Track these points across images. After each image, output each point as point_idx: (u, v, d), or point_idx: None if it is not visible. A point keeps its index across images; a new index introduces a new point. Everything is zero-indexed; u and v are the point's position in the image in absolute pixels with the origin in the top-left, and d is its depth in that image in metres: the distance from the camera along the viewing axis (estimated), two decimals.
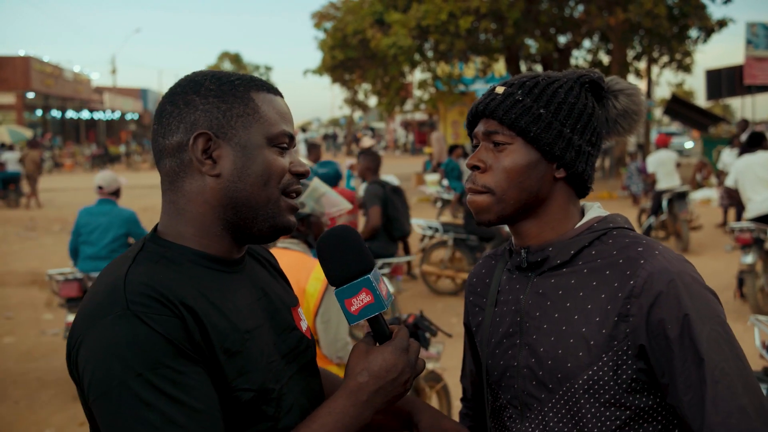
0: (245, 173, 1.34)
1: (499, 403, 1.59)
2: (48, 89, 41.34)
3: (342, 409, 1.31)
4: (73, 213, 17.78)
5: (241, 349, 1.29)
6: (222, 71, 1.43)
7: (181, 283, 1.27)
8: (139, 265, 1.27)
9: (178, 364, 1.18)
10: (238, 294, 1.37)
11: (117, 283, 1.22)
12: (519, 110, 1.47)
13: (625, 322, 1.39)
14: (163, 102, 1.38)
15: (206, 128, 1.33)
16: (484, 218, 1.52)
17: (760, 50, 25.40)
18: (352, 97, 31.98)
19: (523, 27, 20.04)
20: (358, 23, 21.89)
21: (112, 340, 1.17)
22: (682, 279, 1.38)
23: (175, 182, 1.36)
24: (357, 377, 1.34)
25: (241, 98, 1.36)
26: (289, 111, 1.45)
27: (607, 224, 1.51)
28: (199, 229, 1.36)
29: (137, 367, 1.15)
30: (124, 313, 1.18)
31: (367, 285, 1.36)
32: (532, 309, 1.51)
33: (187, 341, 1.20)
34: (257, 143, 1.35)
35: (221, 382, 1.25)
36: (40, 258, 12.26)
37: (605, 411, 1.41)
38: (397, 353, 1.35)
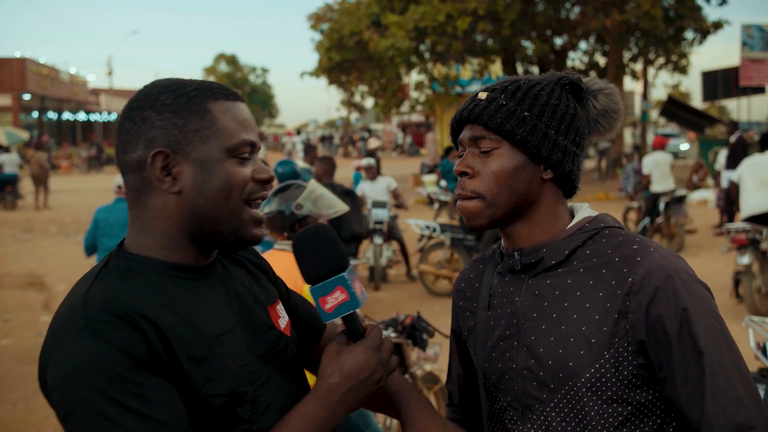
0: (205, 188, 1.33)
1: (498, 406, 1.59)
2: (44, 91, 41.31)
3: (312, 412, 1.32)
4: (70, 215, 17.85)
5: (208, 355, 1.29)
6: (180, 81, 1.39)
7: (143, 295, 1.27)
8: (101, 282, 1.28)
9: (140, 378, 1.19)
10: (206, 300, 1.36)
11: (77, 302, 1.23)
12: (504, 114, 1.49)
13: (625, 319, 1.40)
14: (122, 117, 1.37)
15: (164, 146, 1.32)
16: (475, 223, 1.53)
17: (755, 52, 25.45)
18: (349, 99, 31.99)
19: (520, 28, 20.08)
20: (354, 25, 21.89)
21: (74, 359, 1.18)
22: (678, 275, 1.41)
23: (139, 198, 1.36)
24: (328, 378, 1.34)
25: (198, 111, 1.34)
26: (250, 117, 1.42)
27: (598, 224, 1.53)
28: (164, 242, 1.36)
29: (99, 384, 1.16)
30: (83, 332, 1.19)
31: (342, 283, 1.35)
32: (529, 310, 1.52)
33: (149, 354, 1.21)
34: (216, 157, 1.34)
35: (189, 391, 1.25)
36: (37, 260, 12.25)
37: (608, 408, 1.42)
38: (368, 352, 1.35)
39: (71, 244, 13.90)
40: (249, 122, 1.40)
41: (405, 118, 46.13)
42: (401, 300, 9.22)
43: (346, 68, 24.92)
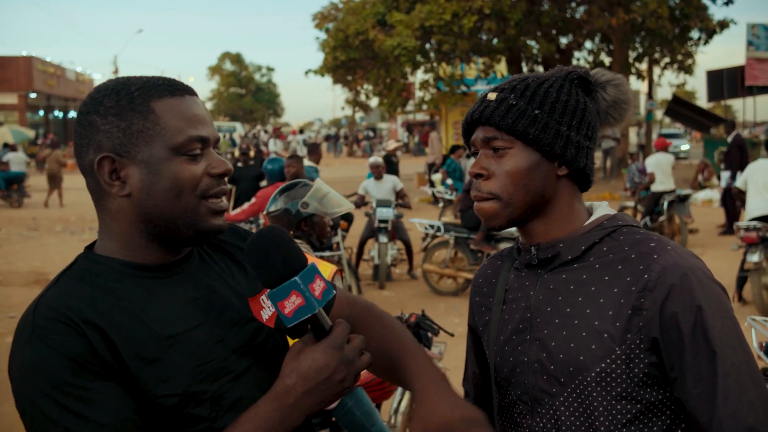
0: (153, 189, 1.33)
1: (508, 400, 1.60)
2: (50, 89, 41.42)
3: (264, 415, 1.28)
4: (75, 213, 17.85)
5: (160, 356, 1.29)
6: (125, 81, 1.38)
7: (94, 299, 1.29)
8: (58, 286, 1.31)
9: (82, 382, 1.21)
10: (167, 299, 1.36)
11: (31, 307, 1.28)
12: (515, 114, 1.49)
13: (639, 316, 1.40)
14: (75, 122, 1.38)
15: (109, 150, 1.32)
16: (494, 224, 1.54)
17: (761, 51, 25.41)
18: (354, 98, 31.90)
19: (525, 28, 20.04)
20: (359, 24, 21.85)
21: (23, 363, 1.23)
22: (694, 273, 1.40)
23: (99, 201, 1.38)
24: (285, 379, 1.30)
25: (140, 112, 1.33)
26: (201, 111, 1.39)
27: (616, 222, 1.54)
28: (124, 243, 1.37)
29: (44, 387, 1.20)
30: (29, 338, 1.23)
31: (295, 287, 1.29)
32: (543, 304, 1.53)
33: (92, 358, 1.23)
34: (161, 157, 1.33)
35: (140, 392, 1.26)
36: (42, 258, 12.28)
37: (616, 404, 1.42)
38: (328, 352, 1.29)
39: (76, 241, 13.93)
40: (198, 117, 1.37)
41: (410, 117, 46.08)
42: (405, 299, 9.23)
43: (351, 67, 24.88)
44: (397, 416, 4.15)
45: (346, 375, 1.31)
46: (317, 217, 3.44)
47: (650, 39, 21.07)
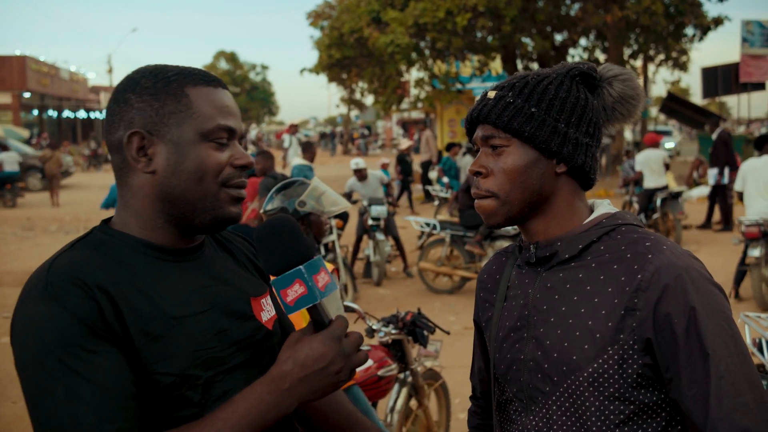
0: (179, 169, 1.37)
1: (506, 397, 1.60)
2: (44, 89, 41.24)
3: (258, 396, 1.30)
4: (70, 213, 17.83)
5: (165, 334, 1.32)
6: (163, 66, 1.44)
7: (108, 269, 1.32)
8: (73, 251, 1.34)
9: (88, 344, 1.23)
10: (177, 281, 1.39)
11: (43, 268, 1.30)
12: (511, 112, 1.50)
13: (632, 316, 1.40)
14: (110, 100, 1.43)
15: (140, 127, 1.37)
16: (492, 221, 1.55)
17: (755, 48, 25.45)
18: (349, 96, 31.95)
19: (520, 25, 20.04)
20: (354, 22, 21.82)
21: (30, 320, 1.25)
22: (689, 274, 1.39)
23: (121, 177, 1.42)
24: (282, 365, 1.32)
25: (174, 95, 1.38)
26: (231, 104, 1.45)
27: (615, 220, 1.53)
28: (142, 221, 1.41)
29: (50, 345, 1.22)
30: (41, 296, 1.25)
31: (299, 276, 1.33)
32: (540, 302, 1.53)
33: (100, 322, 1.25)
34: (190, 139, 1.37)
35: (139, 365, 1.28)
36: (37, 257, 12.25)
37: (609, 405, 1.42)
38: (327, 342, 1.32)
39: None
40: (228, 108, 1.42)
41: (405, 115, 46.08)
42: (402, 296, 9.23)
43: (346, 65, 24.85)
44: (393, 415, 4.15)
45: (343, 367, 1.33)
46: (314, 215, 3.43)
47: (645, 36, 21.09)
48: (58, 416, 1.20)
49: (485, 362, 1.77)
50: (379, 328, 4.08)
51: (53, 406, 1.20)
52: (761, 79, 25.79)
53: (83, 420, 1.20)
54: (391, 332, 4.05)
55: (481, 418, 1.85)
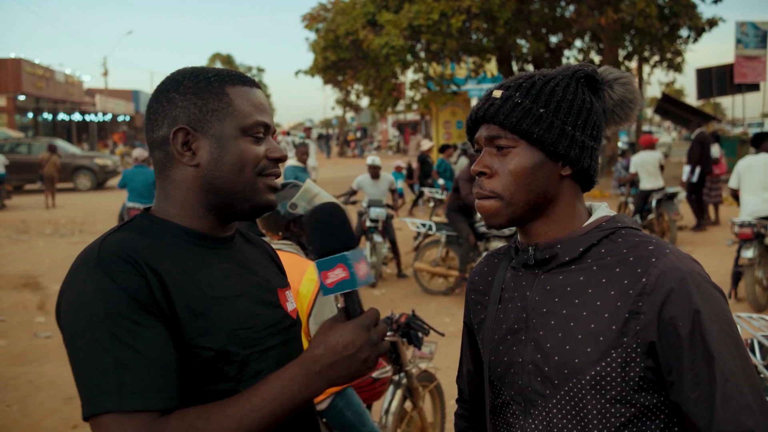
0: (221, 162, 1.48)
1: (501, 400, 1.59)
2: (39, 92, 41.11)
3: (291, 377, 1.37)
4: (64, 215, 17.80)
5: (207, 311, 1.42)
6: (202, 68, 1.55)
7: (155, 250, 1.42)
8: (121, 232, 1.45)
9: (137, 317, 1.32)
10: (215, 266, 1.50)
11: (95, 245, 1.40)
12: (520, 113, 1.48)
13: (636, 319, 1.39)
14: (151, 100, 1.53)
15: (185, 123, 1.48)
16: (494, 222, 1.53)
17: (749, 49, 25.55)
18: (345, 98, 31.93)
19: (515, 27, 20.06)
20: (350, 24, 21.84)
21: (81, 292, 1.33)
22: (693, 277, 1.39)
23: (164, 171, 1.52)
24: (314, 349, 1.38)
25: (216, 93, 1.49)
26: (266, 102, 1.56)
27: (615, 223, 1.52)
28: (184, 210, 1.51)
29: (100, 316, 1.30)
30: (94, 270, 1.34)
31: (344, 261, 1.39)
32: (539, 305, 1.52)
33: (148, 297, 1.34)
34: (231, 134, 1.49)
35: (181, 340, 1.38)
36: (31, 260, 12.22)
37: (610, 408, 1.41)
38: (356, 330, 1.38)
39: (66, 244, 13.88)
40: (264, 106, 1.54)
41: (401, 116, 46.10)
42: (397, 298, 9.22)
43: (342, 67, 24.89)
44: (388, 417, 4.14)
45: (370, 355, 1.40)
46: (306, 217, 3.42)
47: (640, 37, 21.13)
48: (106, 383, 1.27)
49: (475, 365, 1.75)
50: None
51: (101, 374, 1.28)
52: (755, 80, 25.89)
53: (130, 388, 1.27)
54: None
55: (468, 422, 1.83)
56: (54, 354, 7.08)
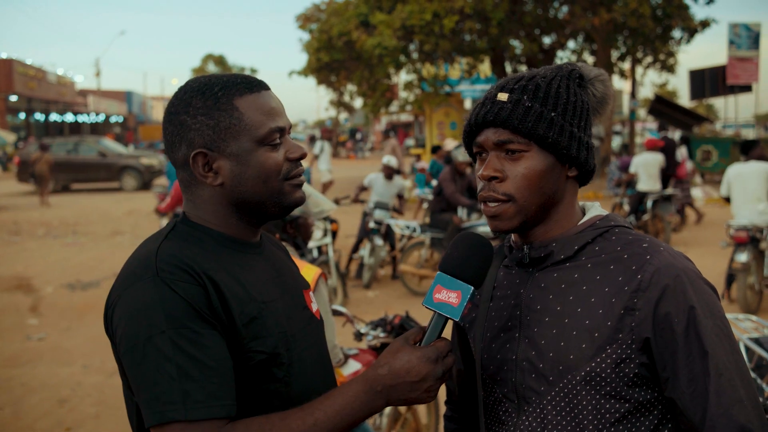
0: (244, 178, 1.50)
1: (494, 398, 1.59)
2: (31, 92, 41.03)
3: (354, 393, 1.39)
4: (57, 217, 17.72)
5: (258, 316, 1.46)
6: (208, 80, 1.54)
7: (206, 257, 1.45)
8: (171, 241, 1.47)
9: (197, 326, 1.35)
10: (256, 270, 1.54)
11: (150, 255, 1.42)
12: (532, 117, 1.47)
13: (631, 316, 1.40)
14: (164, 121, 1.55)
15: (201, 146, 1.49)
16: (507, 226, 1.52)
17: (742, 50, 25.63)
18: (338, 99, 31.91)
19: (508, 28, 20.07)
20: (343, 25, 21.82)
21: (141, 301, 1.35)
22: (687, 274, 1.41)
23: (190, 188, 1.55)
24: (378, 368, 1.41)
25: (226, 110, 1.49)
26: (277, 103, 1.56)
27: (608, 222, 1.54)
28: (218, 219, 1.54)
29: (162, 325, 1.33)
30: (154, 279, 1.37)
31: (464, 292, 1.42)
32: (533, 303, 1.52)
33: (206, 307, 1.38)
34: (248, 149, 1.50)
35: (237, 344, 1.42)
36: (24, 262, 12.16)
37: (605, 404, 1.42)
38: (423, 360, 1.39)
39: (59, 246, 13.82)
40: (275, 110, 1.54)
41: (394, 117, 46.09)
42: (391, 299, 9.22)
43: (335, 68, 24.85)
44: (382, 418, 4.14)
45: (432, 386, 1.41)
46: (302, 219, 3.43)
47: (633, 38, 21.18)
48: (170, 393, 1.30)
49: (465, 364, 1.75)
50: (368, 331, 4.07)
51: (165, 384, 1.31)
52: (748, 81, 25.97)
53: (193, 397, 1.31)
54: (380, 335, 4.04)
55: (457, 423, 1.82)
56: (46, 356, 7.05)
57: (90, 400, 5.87)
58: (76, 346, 7.32)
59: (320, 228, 8.82)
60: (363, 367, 3.86)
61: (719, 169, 20.95)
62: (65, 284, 10.27)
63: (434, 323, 1.44)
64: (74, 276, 10.71)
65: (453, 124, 25.86)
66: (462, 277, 1.44)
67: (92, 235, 14.98)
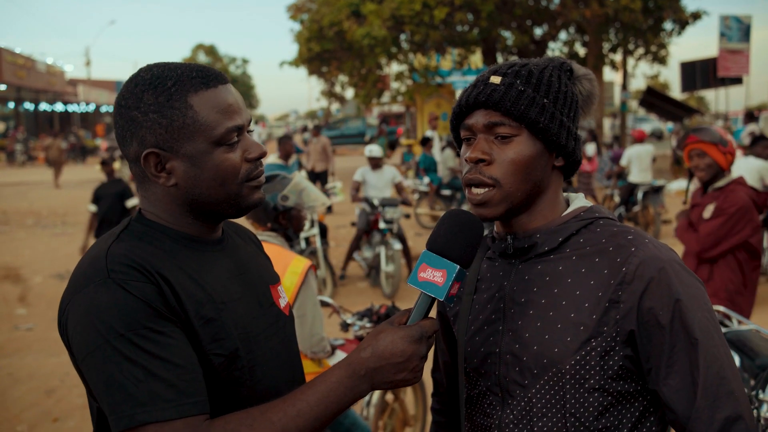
0: (199, 180, 1.43)
1: (477, 391, 1.58)
2: (20, 81, 40.69)
3: (337, 379, 1.36)
4: (46, 206, 17.58)
5: (216, 317, 1.40)
6: (161, 73, 1.43)
7: (159, 257, 1.39)
8: (122, 241, 1.40)
9: (157, 325, 1.30)
10: (215, 269, 1.48)
11: (100, 256, 1.35)
12: (526, 101, 1.46)
13: (616, 308, 1.40)
14: (114, 113, 1.46)
15: (153, 146, 1.40)
16: (490, 213, 1.49)
17: (733, 43, 25.66)
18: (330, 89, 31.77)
19: (499, 19, 20.03)
20: (334, 15, 21.72)
21: (94, 305, 1.29)
22: (672, 266, 1.41)
23: (143, 184, 1.48)
24: (361, 352, 1.37)
25: (179, 109, 1.40)
26: (234, 99, 1.46)
27: (593, 213, 1.53)
28: (172, 218, 1.47)
29: (119, 328, 1.27)
30: (105, 281, 1.30)
31: (451, 271, 1.39)
32: (517, 295, 1.51)
33: (163, 305, 1.32)
34: (203, 150, 1.41)
35: (196, 346, 1.36)
36: (12, 252, 12.11)
37: (588, 397, 1.42)
38: (407, 339, 1.36)
39: (48, 236, 13.76)
40: (232, 106, 1.44)
41: (386, 108, 45.99)
42: (380, 290, 9.19)
43: (326, 58, 24.74)
44: (369, 408, 4.14)
45: (417, 365, 1.38)
46: (295, 210, 3.45)
47: (624, 30, 21.18)
48: (137, 395, 1.25)
49: (451, 356, 1.74)
50: (354, 321, 4.07)
51: (131, 386, 1.25)
52: (739, 73, 26.02)
53: (162, 396, 1.26)
54: (366, 326, 4.04)
55: (444, 415, 1.82)
56: (34, 346, 7.03)
57: (78, 390, 5.85)
58: None
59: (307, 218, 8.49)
60: None
61: None
62: (54, 274, 10.24)
63: (419, 303, 1.41)
64: (63, 266, 10.66)
65: (444, 115, 25.83)
66: (448, 255, 1.40)
67: (81, 226, 14.87)
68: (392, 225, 8.92)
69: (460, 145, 1.59)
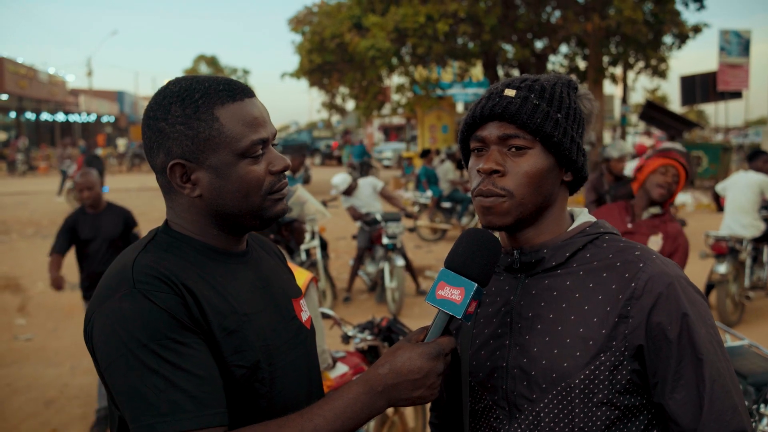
0: (223, 191, 1.45)
1: (483, 405, 1.58)
2: (22, 91, 40.79)
3: (354, 395, 1.36)
4: (46, 216, 17.58)
5: (238, 329, 1.42)
6: (188, 85, 1.46)
7: (185, 268, 1.41)
8: (148, 252, 1.42)
9: (180, 336, 1.32)
10: (239, 281, 1.49)
11: (126, 267, 1.38)
12: (541, 115, 1.47)
13: (625, 323, 1.41)
14: (143, 125, 1.48)
15: (179, 156, 1.43)
16: (500, 222, 1.50)
17: (732, 57, 25.79)
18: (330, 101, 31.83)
19: (500, 33, 20.11)
20: (335, 27, 21.81)
21: (120, 314, 1.31)
22: (680, 282, 1.43)
23: (169, 194, 1.50)
24: (378, 368, 1.37)
25: (206, 120, 1.42)
26: (260, 112, 1.49)
27: (598, 229, 1.55)
28: (197, 229, 1.49)
29: (142, 338, 1.29)
30: (130, 292, 1.33)
31: (469, 290, 1.39)
32: (524, 309, 1.52)
33: (187, 316, 1.34)
34: (228, 162, 1.43)
35: (218, 357, 1.38)
36: (12, 262, 12.10)
37: (596, 411, 1.42)
38: (425, 356, 1.36)
39: (48, 246, 13.72)
40: (258, 120, 1.47)
41: (386, 120, 46.07)
42: (381, 303, 9.18)
43: (328, 70, 24.81)
44: (369, 421, 4.13)
45: (434, 382, 1.38)
46: (297, 222, 3.46)
47: (625, 44, 21.26)
48: (158, 405, 1.27)
49: (453, 370, 1.74)
50: (355, 334, 4.07)
51: (152, 396, 1.27)
52: (738, 87, 26.14)
53: (183, 407, 1.28)
54: (367, 338, 4.04)
55: (443, 430, 1.78)
56: (33, 357, 7.02)
57: (77, 401, 5.84)
58: (63, 347, 7.29)
59: (308, 231, 8.55)
60: (350, 370, 3.86)
61: (709, 175, 21.03)
62: None
63: (437, 321, 1.42)
64: None
65: (445, 127, 25.90)
66: (466, 274, 1.41)
67: None
68: (395, 240, 8.76)
69: (465, 157, 1.60)
